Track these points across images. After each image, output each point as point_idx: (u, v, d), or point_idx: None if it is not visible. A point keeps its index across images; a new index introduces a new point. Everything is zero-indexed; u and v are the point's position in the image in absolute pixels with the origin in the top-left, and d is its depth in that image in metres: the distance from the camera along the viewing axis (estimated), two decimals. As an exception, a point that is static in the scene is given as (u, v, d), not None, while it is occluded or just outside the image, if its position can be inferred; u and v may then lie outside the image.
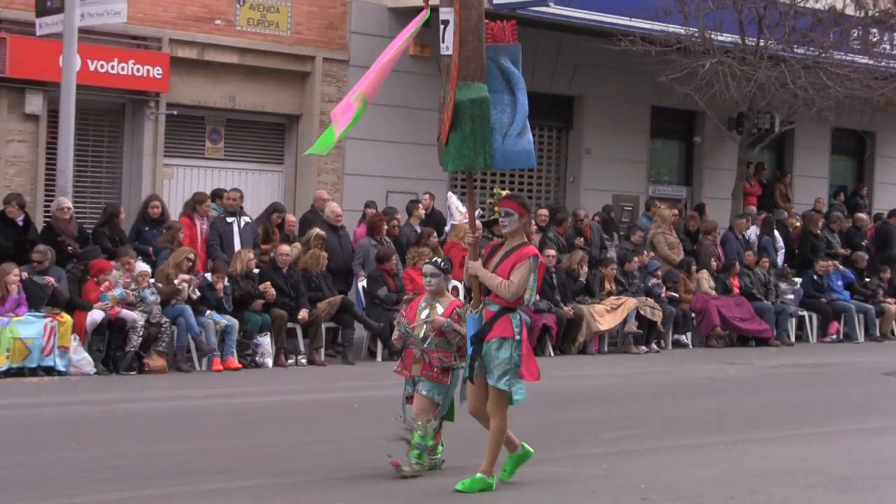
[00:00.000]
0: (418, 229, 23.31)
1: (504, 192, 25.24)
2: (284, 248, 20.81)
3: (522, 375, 10.74)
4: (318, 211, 22.68)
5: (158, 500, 10.34)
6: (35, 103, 22.50)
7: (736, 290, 25.94)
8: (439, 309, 11.40)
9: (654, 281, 24.80)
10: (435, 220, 24.14)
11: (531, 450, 11.28)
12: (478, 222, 11.25)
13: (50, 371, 18.02)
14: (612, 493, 10.96)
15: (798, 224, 29.72)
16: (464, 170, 11.08)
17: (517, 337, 10.69)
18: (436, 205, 24.50)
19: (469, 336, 10.79)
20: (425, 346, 11.31)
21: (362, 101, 11.16)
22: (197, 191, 22.51)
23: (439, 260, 11.85)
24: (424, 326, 11.31)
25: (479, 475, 10.79)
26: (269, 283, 20.12)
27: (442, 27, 10.98)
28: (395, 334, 11.82)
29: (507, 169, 10.90)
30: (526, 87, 11.15)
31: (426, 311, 11.44)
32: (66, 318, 18.35)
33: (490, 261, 10.83)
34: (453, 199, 24.77)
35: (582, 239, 24.93)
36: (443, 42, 11.03)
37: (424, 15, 11.32)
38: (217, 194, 22.10)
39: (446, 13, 10.85)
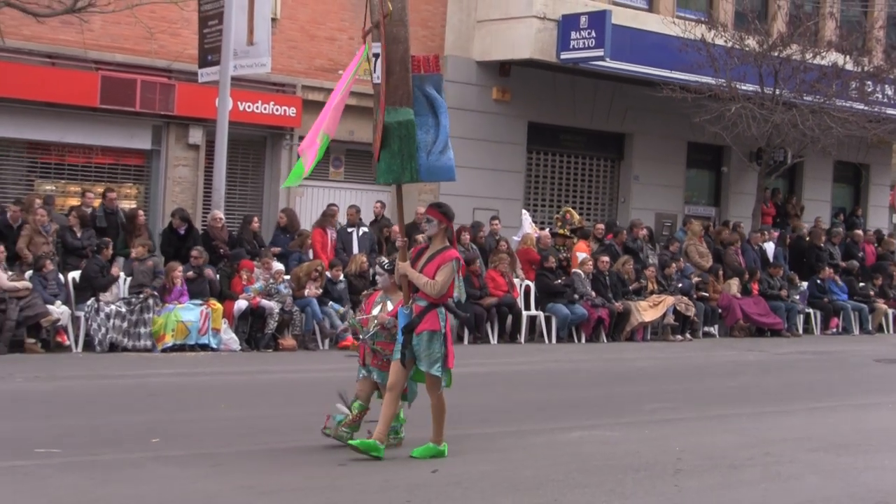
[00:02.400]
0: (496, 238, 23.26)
1: (565, 209, 25.45)
2: (395, 255, 20.88)
3: (448, 363, 10.29)
4: (417, 223, 22.69)
5: (289, 452, 10.39)
6: (196, 136, 22.72)
7: (755, 292, 25.79)
8: (389, 305, 10.79)
9: (696, 279, 24.91)
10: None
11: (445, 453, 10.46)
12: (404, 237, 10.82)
13: (205, 347, 18.17)
14: (653, 454, 10.90)
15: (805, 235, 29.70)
16: (393, 183, 10.62)
17: (442, 330, 10.24)
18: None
19: (400, 327, 10.30)
20: (367, 337, 10.70)
21: (324, 138, 10.67)
22: (328, 205, 22.52)
23: (385, 261, 11.25)
24: (375, 321, 10.74)
25: (430, 444, 10.39)
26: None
27: (374, 59, 10.56)
28: (345, 325, 11.36)
29: (432, 182, 10.48)
30: (448, 111, 10.80)
31: (378, 307, 10.88)
32: (218, 305, 18.52)
33: (417, 262, 10.34)
34: (526, 215, 24.77)
35: (640, 241, 24.99)
36: (374, 72, 10.55)
37: (363, 51, 10.81)
38: (329, 213, 22.12)
39: (376, 47, 10.45)
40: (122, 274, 18.41)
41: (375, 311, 10.81)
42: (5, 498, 8.41)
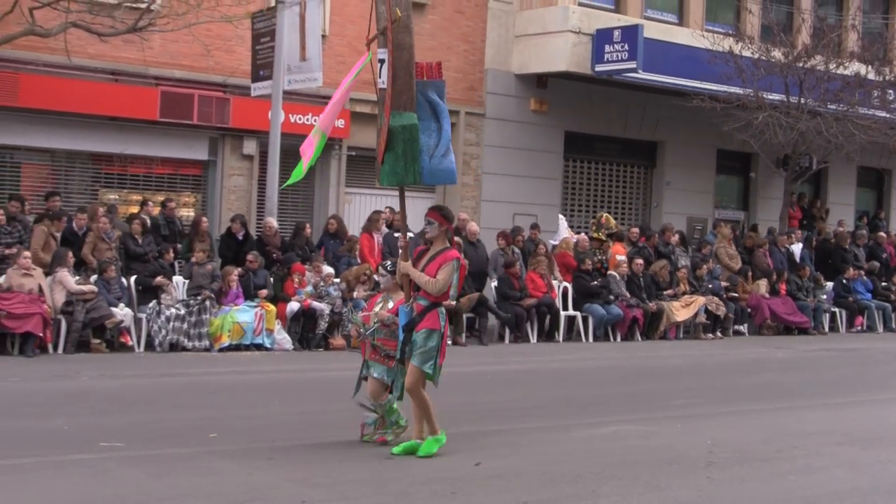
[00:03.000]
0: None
1: (603, 214, 25.44)
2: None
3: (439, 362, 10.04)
4: (460, 229, 22.67)
5: (339, 445, 10.37)
6: (250, 147, 22.80)
7: (783, 292, 25.66)
8: (390, 304, 10.60)
9: (725, 283, 24.82)
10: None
11: (443, 438, 10.18)
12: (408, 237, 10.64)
13: (259, 347, 18.22)
14: (685, 447, 10.85)
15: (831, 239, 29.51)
16: (396, 185, 10.49)
17: (441, 329, 10.00)
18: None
19: (401, 325, 10.12)
20: (368, 333, 10.52)
21: (321, 136, 10.52)
22: (373, 212, 22.45)
23: (388, 264, 10.99)
24: (375, 318, 10.56)
25: (430, 438, 10.09)
26: None
27: (379, 65, 10.35)
28: (352, 328, 11.12)
29: (434, 184, 10.11)
30: (449, 117, 10.57)
31: (380, 305, 10.70)
32: (271, 307, 18.55)
33: (419, 262, 10.17)
34: (562, 220, 24.71)
35: (671, 245, 24.94)
36: (379, 77, 10.35)
37: (366, 58, 10.60)
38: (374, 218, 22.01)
39: (382, 53, 10.27)
40: (173, 280, 18.53)
41: (377, 310, 10.70)
42: (72, 488, 8.47)
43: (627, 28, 25.59)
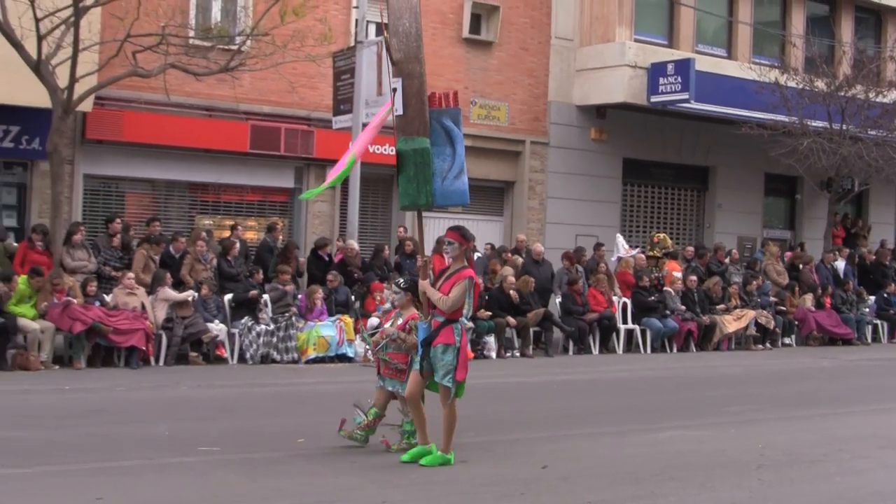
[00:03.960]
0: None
1: (660, 234, 25.23)
2: (511, 278, 20.74)
3: (457, 375, 9.61)
4: (519, 249, 22.72)
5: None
6: (333, 175, 22.94)
7: (828, 305, 25.38)
8: (399, 321, 10.37)
9: (774, 299, 24.55)
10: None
11: (438, 455, 9.80)
12: (425, 258, 10.31)
13: (342, 358, 18.30)
14: (737, 451, 10.76)
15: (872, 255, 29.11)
16: (409, 205, 10.13)
17: (457, 344, 9.60)
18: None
19: (419, 340, 9.83)
20: (377, 349, 10.33)
21: (352, 159, 10.30)
22: (441, 235, 22.57)
23: (401, 281, 10.80)
24: (386, 335, 10.36)
25: (439, 453, 9.73)
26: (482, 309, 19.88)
27: (393, 93, 10.13)
28: (365, 346, 10.84)
29: (446, 206, 9.82)
30: (464, 141, 10.30)
31: (390, 322, 10.53)
32: (348, 319, 18.51)
33: (438, 280, 9.83)
34: (620, 239, 24.61)
35: (724, 264, 24.88)
36: (393, 104, 10.13)
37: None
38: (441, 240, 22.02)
39: (395, 82, 10.08)
40: (266, 297, 18.67)
41: (387, 325, 10.61)
42: (174, 489, 8.57)
43: (680, 62, 25.54)
